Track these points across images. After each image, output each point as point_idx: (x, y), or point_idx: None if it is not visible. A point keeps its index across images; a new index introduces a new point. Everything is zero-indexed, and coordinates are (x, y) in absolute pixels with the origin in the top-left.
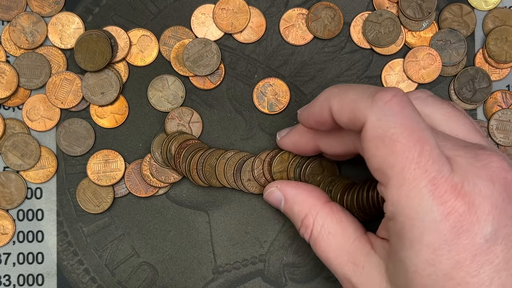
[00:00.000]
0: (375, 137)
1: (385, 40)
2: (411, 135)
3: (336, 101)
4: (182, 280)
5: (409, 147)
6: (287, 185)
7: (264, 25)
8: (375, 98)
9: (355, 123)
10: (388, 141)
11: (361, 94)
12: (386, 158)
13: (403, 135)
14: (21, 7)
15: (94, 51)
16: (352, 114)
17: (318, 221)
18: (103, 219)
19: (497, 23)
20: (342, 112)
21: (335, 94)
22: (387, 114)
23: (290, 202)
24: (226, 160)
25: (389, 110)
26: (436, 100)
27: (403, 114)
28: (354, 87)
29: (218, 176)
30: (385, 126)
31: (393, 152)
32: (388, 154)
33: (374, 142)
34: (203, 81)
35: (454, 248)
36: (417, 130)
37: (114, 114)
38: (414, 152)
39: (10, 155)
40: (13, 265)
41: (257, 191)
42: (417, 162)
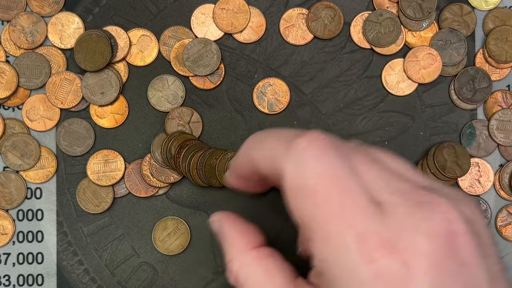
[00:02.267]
0: (294, 189)
1: (385, 40)
2: (330, 184)
3: (255, 152)
4: (182, 280)
5: (329, 198)
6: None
7: (264, 25)
8: (291, 145)
9: (275, 174)
10: (306, 192)
11: (278, 142)
12: (308, 211)
13: (322, 186)
14: (21, 7)
15: (94, 51)
16: (271, 164)
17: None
18: (103, 219)
19: (497, 23)
20: (263, 163)
21: (254, 144)
22: (304, 161)
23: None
24: (226, 160)
25: (307, 157)
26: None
27: (322, 160)
28: (274, 134)
29: (218, 176)
30: (303, 175)
31: (314, 204)
32: (309, 207)
33: (293, 194)
34: (203, 81)
35: None
36: (338, 179)
37: (114, 114)
38: (336, 203)
39: (10, 155)
40: (13, 265)
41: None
42: (340, 215)
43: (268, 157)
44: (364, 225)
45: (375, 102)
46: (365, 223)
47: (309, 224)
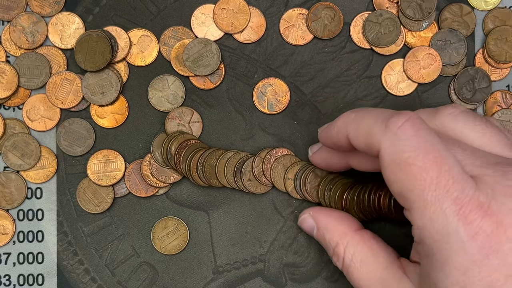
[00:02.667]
0: (391, 163)
1: (385, 40)
2: (426, 156)
3: (352, 128)
4: (182, 280)
5: (425, 169)
6: (319, 212)
7: (264, 25)
8: (388, 124)
9: (371, 149)
10: (404, 166)
11: (375, 120)
12: (405, 182)
13: (418, 158)
14: (21, 7)
15: (94, 51)
16: (367, 140)
17: (349, 250)
18: (103, 219)
19: (497, 23)
20: (358, 139)
21: (351, 121)
22: (400, 138)
23: (321, 230)
24: (226, 160)
25: (403, 135)
26: (468, 116)
27: (417, 137)
28: (370, 113)
29: (218, 176)
30: (400, 151)
31: (411, 176)
32: (406, 178)
33: (391, 168)
34: (203, 81)
35: (485, 269)
36: (432, 151)
37: (114, 114)
38: (432, 173)
39: (10, 155)
40: (13, 265)
41: (258, 191)
42: (437, 183)
43: (365, 134)
44: (459, 191)
45: (375, 102)
46: (460, 189)
47: (407, 194)
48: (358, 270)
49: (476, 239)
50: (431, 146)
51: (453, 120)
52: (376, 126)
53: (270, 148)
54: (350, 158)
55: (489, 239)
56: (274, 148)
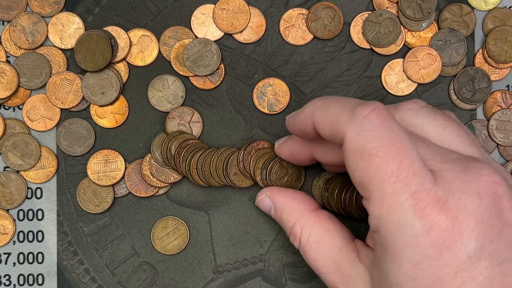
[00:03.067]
0: (355, 152)
1: (385, 40)
2: (389, 148)
3: (319, 115)
4: (182, 280)
5: (387, 160)
6: (277, 192)
7: (264, 25)
8: (354, 113)
9: (336, 137)
10: (367, 156)
11: (341, 108)
12: (366, 172)
13: (381, 149)
14: (22, 7)
15: (94, 51)
16: (333, 128)
17: (305, 230)
18: (103, 219)
19: (497, 23)
20: (324, 126)
21: (318, 108)
22: (365, 128)
23: (279, 210)
24: (218, 157)
25: (368, 124)
26: (429, 111)
27: (382, 128)
28: (337, 101)
29: (212, 174)
30: (364, 140)
31: (372, 167)
32: (368, 168)
33: (354, 157)
34: (203, 81)
35: (436, 263)
36: (396, 143)
37: (114, 114)
38: (393, 165)
39: (11, 155)
40: (13, 265)
41: (243, 184)
42: (397, 175)
43: (330, 121)
44: (417, 185)
45: None
46: (419, 183)
47: (367, 185)
48: (314, 250)
49: (430, 233)
50: (395, 138)
51: (413, 115)
52: (343, 114)
53: (251, 141)
54: (315, 149)
55: (443, 235)
56: (255, 140)
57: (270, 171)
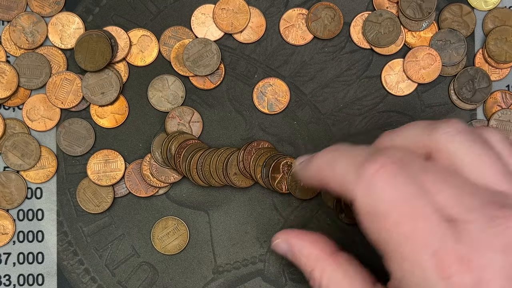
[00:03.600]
0: (366, 214)
1: (385, 40)
2: (401, 208)
3: (326, 175)
4: (182, 280)
5: (401, 222)
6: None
7: (264, 25)
8: (361, 172)
9: (347, 197)
10: (378, 218)
11: (348, 166)
12: (381, 235)
13: (393, 210)
14: (21, 7)
15: (94, 51)
16: (342, 189)
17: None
18: (103, 219)
19: (497, 23)
20: (333, 186)
21: (325, 167)
22: (373, 189)
23: (297, 255)
24: (218, 157)
25: (376, 184)
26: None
27: (392, 186)
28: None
29: (212, 174)
30: (373, 202)
31: (386, 229)
32: (382, 230)
33: (367, 219)
34: (203, 81)
35: None
36: (409, 202)
37: (114, 114)
38: (408, 226)
39: (10, 155)
40: (13, 265)
41: (243, 184)
42: (414, 236)
43: (339, 180)
44: (438, 243)
45: (375, 102)
46: (439, 241)
47: (384, 246)
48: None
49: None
50: (407, 196)
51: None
52: (350, 173)
53: (251, 141)
54: None
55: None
56: (256, 140)
57: (271, 169)
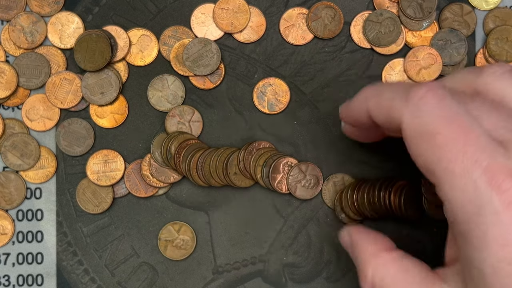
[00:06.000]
0: (414, 135)
1: (385, 39)
2: (450, 126)
3: (373, 103)
4: (182, 281)
5: (451, 138)
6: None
7: (264, 25)
8: (409, 96)
9: (393, 124)
10: (428, 137)
11: (395, 93)
12: (430, 154)
13: (442, 127)
14: (21, 6)
15: (94, 51)
16: (389, 114)
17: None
18: (103, 219)
19: (498, 23)
20: (379, 113)
21: (372, 95)
22: (422, 109)
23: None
24: (218, 157)
25: (424, 105)
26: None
27: (440, 106)
28: (390, 86)
29: (212, 174)
30: (422, 122)
31: (435, 147)
32: (431, 150)
33: (415, 141)
34: (203, 81)
35: None
36: (457, 120)
37: (114, 114)
38: (458, 142)
39: (10, 155)
40: (12, 265)
41: (243, 184)
42: (464, 152)
43: (385, 107)
44: (488, 159)
45: None
46: (489, 157)
47: (434, 168)
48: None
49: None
50: (455, 115)
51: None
52: (397, 98)
53: (253, 141)
54: None
55: None
56: (256, 140)
57: (271, 169)
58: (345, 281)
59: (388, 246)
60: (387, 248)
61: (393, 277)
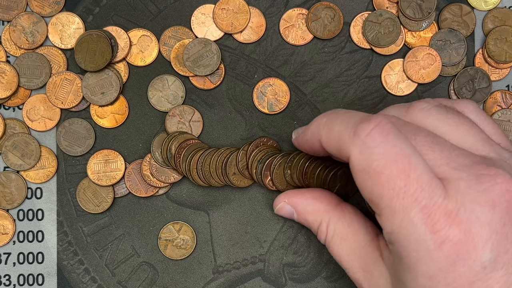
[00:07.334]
0: (361, 170)
1: (385, 40)
2: (394, 164)
3: (324, 134)
4: (182, 280)
5: (393, 177)
6: (295, 196)
7: (264, 25)
8: (356, 131)
9: (343, 155)
10: (372, 174)
11: (345, 126)
12: (374, 190)
13: (386, 166)
14: (22, 7)
15: (94, 51)
16: (338, 147)
17: (330, 226)
18: (103, 219)
19: (497, 23)
20: (329, 145)
21: (323, 126)
22: (368, 146)
23: (302, 213)
24: (218, 157)
25: (371, 142)
26: (441, 110)
27: (385, 144)
28: (340, 117)
29: (212, 174)
30: (368, 159)
31: (379, 184)
32: (375, 186)
33: (361, 175)
34: (203, 81)
35: (450, 275)
36: (401, 158)
37: (114, 114)
38: (400, 182)
39: (11, 155)
40: (13, 265)
41: (243, 184)
42: (405, 191)
43: (335, 140)
44: (427, 199)
45: (375, 102)
46: (428, 197)
47: (377, 201)
48: (338, 246)
49: (443, 248)
50: (400, 153)
51: (425, 115)
52: (346, 132)
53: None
54: None
55: (456, 248)
56: (255, 139)
57: (265, 166)
58: (345, 280)
59: (336, 200)
60: (336, 203)
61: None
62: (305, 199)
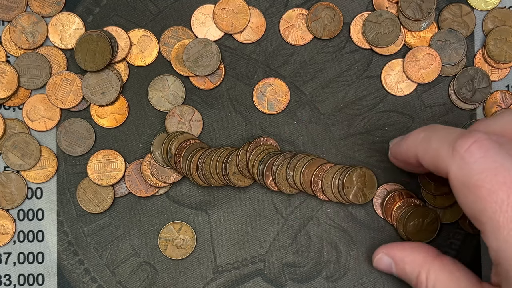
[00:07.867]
0: (461, 186)
1: (384, 40)
2: (495, 178)
3: (421, 149)
4: (182, 280)
5: (495, 190)
6: (393, 248)
7: (264, 25)
8: (455, 147)
9: (440, 171)
10: (473, 188)
11: (442, 142)
12: (476, 205)
13: (486, 180)
14: (22, 7)
15: (95, 51)
16: (437, 163)
17: (431, 276)
18: (103, 219)
19: (497, 23)
20: (427, 161)
21: (420, 142)
22: (468, 161)
23: (400, 264)
24: (218, 157)
25: (470, 157)
26: None
27: (485, 159)
28: (437, 133)
29: (212, 174)
30: (468, 174)
31: (481, 198)
32: (476, 200)
33: (461, 191)
34: (203, 81)
35: None
36: (501, 172)
37: (114, 114)
38: (502, 194)
39: (11, 155)
40: (13, 264)
41: (243, 184)
42: (508, 203)
43: (433, 156)
44: None
45: (375, 102)
46: None
47: (479, 217)
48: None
49: None
50: (500, 167)
51: None
52: (443, 149)
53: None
54: None
55: None
56: (255, 139)
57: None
58: (345, 280)
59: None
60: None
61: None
62: (403, 250)
